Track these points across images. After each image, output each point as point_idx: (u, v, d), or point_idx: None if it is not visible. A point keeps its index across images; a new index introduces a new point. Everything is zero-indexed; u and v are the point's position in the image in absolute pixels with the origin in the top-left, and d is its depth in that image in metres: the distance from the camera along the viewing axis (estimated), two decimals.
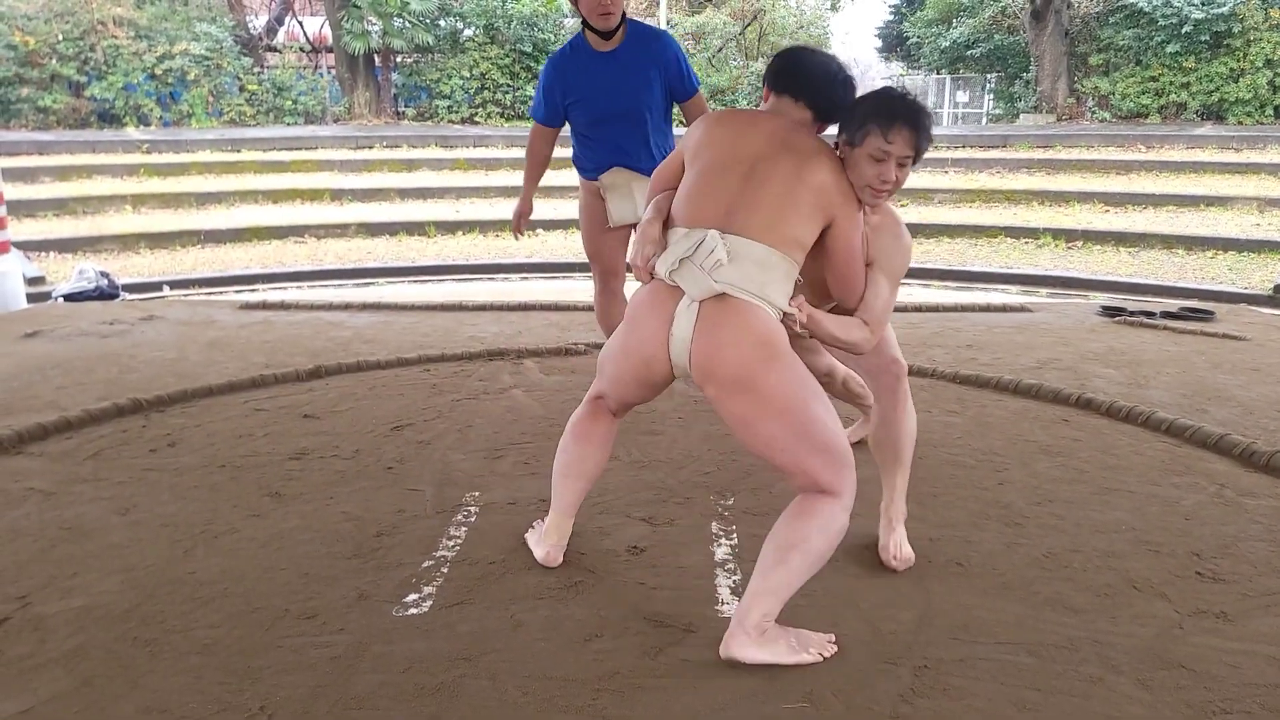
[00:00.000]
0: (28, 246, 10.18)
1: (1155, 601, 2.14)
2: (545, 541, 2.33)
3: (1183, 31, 17.99)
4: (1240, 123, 17.83)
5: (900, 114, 1.99)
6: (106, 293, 7.43)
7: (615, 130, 3.57)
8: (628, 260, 2.02)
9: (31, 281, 8.27)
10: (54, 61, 17.36)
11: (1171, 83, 18.60)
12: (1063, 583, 2.23)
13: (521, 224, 3.96)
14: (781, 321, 1.98)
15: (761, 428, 1.91)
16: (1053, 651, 1.93)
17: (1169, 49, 18.33)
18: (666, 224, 2.07)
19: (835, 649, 1.93)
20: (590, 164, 3.69)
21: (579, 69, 3.55)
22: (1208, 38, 17.96)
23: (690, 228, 1.98)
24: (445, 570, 2.31)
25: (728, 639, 1.87)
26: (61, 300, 7.15)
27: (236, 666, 1.89)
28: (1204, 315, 5.40)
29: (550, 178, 4.36)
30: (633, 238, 2.25)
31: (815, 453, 1.90)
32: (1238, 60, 18.01)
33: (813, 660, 1.88)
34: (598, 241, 3.76)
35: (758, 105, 2.14)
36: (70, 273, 8.22)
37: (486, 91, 20.01)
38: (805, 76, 2.17)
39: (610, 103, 3.54)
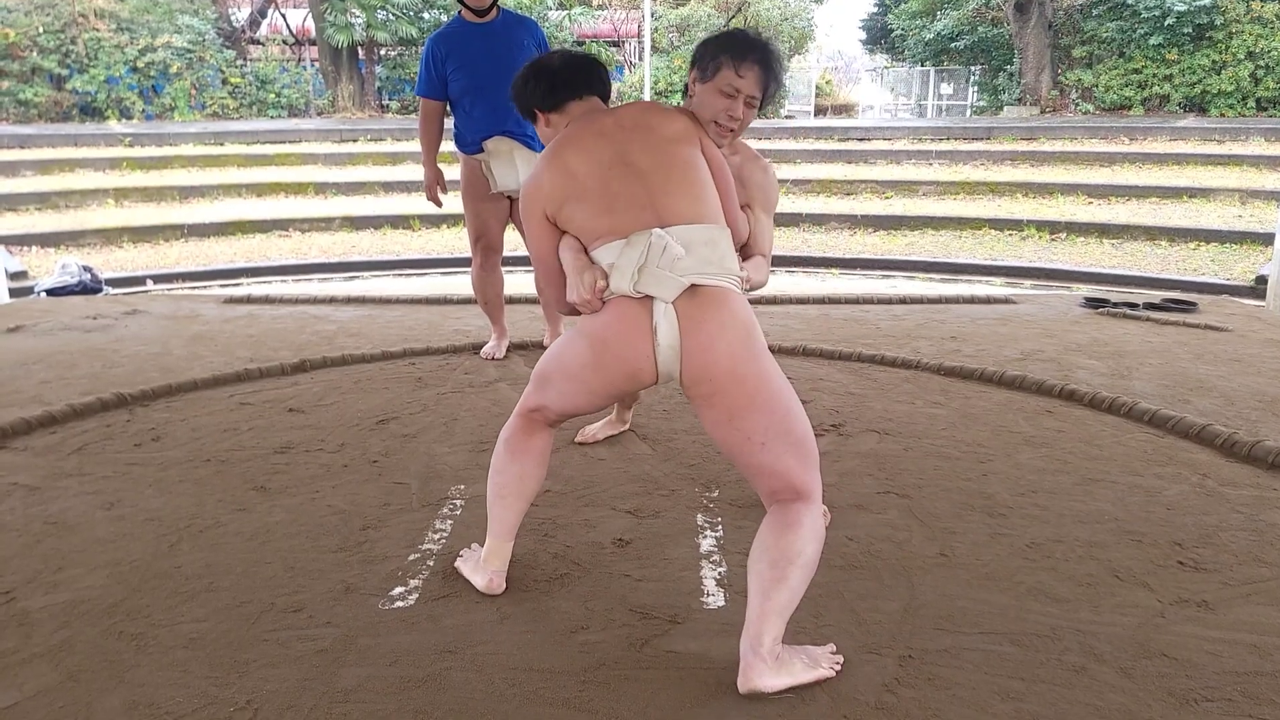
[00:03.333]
0: (9, 241, 10.11)
1: (1137, 591, 2.16)
2: (486, 568, 2.15)
3: (1165, 24, 18.09)
4: (1223, 115, 17.95)
5: (752, 52, 2.06)
6: (90, 287, 7.38)
7: (495, 98, 3.82)
8: (568, 300, 1.97)
9: (13, 276, 8.21)
10: (35, 54, 17.21)
11: (1154, 75, 18.71)
12: (1046, 573, 2.24)
13: (436, 191, 4.23)
14: None
15: (746, 421, 1.86)
16: (1036, 641, 1.95)
17: (1152, 41, 18.43)
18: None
19: (840, 659, 1.86)
20: (471, 135, 4.00)
21: (458, 39, 3.95)
22: (1190, 30, 18.07)
23: (623, 236, 1.91)
24: (431, 563, 2.31)
25: (746, 671, 1.75)
26: (44, 295, 7.10)
27: (223, 660, 1.89)
28: (1186, 306, 5.44)
29: None
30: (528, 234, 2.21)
31: (793, 449, 1.86)
32: (1220, 53, 18.13)
33: (827, 675, 1.81)
34: (483, 215, 4.10)
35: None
36: (53, 267, 8.17)
37: None
38: (568, 77, 2.15)
39: (490, 67, 3.88)
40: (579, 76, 2.16)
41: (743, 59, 2.05)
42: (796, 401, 1.92)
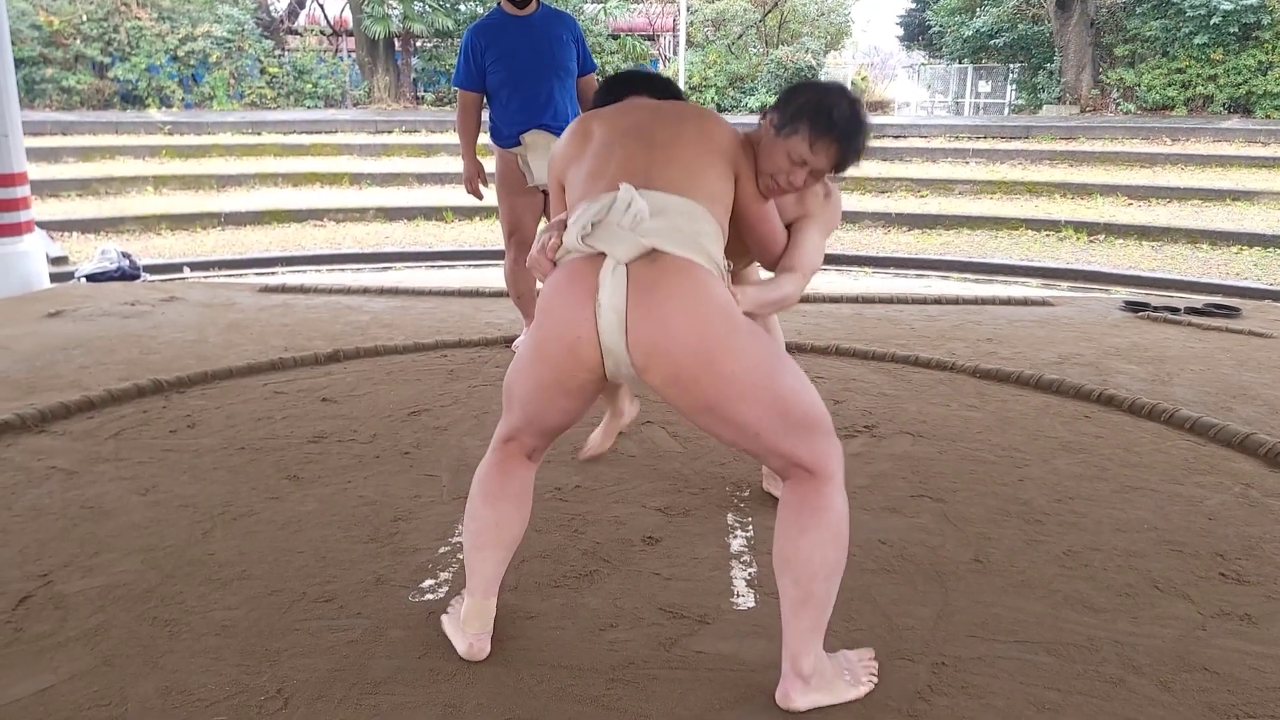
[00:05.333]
0: (51, 226, 10.26)
1: (1178, 602, 2.12)
2: (466, 631, 1.86)
3: (1211, 23, 17.78)
4: (1268, 116, 17.63)
5: (837, 128, 1.81)
6: (128, 273, 7.48)
7: (533, 91, 3.90)
8: (527, 263, 1.83)
9: (54, 261, 8.34)
10: (78, 42, 17.47)
11: (1199, 75, 18.41)
12: (1083, 581, 2.21)
13: (476, 184, 4.24)
14: None
15: (729, 411, 1.61)
16: (1073, 651, 1.92)
17: (1196, 40, 18.13)
18: None
19: (877, 665, 1.81)
20: (508, 129, 3.99)
21: (498, 30, 3.95)
22: (1236, 29, 17.75)
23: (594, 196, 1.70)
24: (461, 556, 2.30)
25: (786, 690, 1.67)
26: (84, 280, 7.20)
27: (254, 648, 1.90)
28: (1229, 312, 5.34)
29: None
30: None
31: (793, 430, 1.63)
32: (1266, 53, 17.80)
33: (868, 689, 1.74)
34: (518, 209, 4.10)
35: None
36: (93, 253, 8.29)
37: None
38: (629, 77, 2.22)
39: (528, 60, 3.91)
40: (641, 79, 2.19)
41: (823, 135, 1.80)
42: (787, 373, 1.67)
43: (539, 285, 1.77)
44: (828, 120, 1.80)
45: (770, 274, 2.06)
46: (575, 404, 1.76)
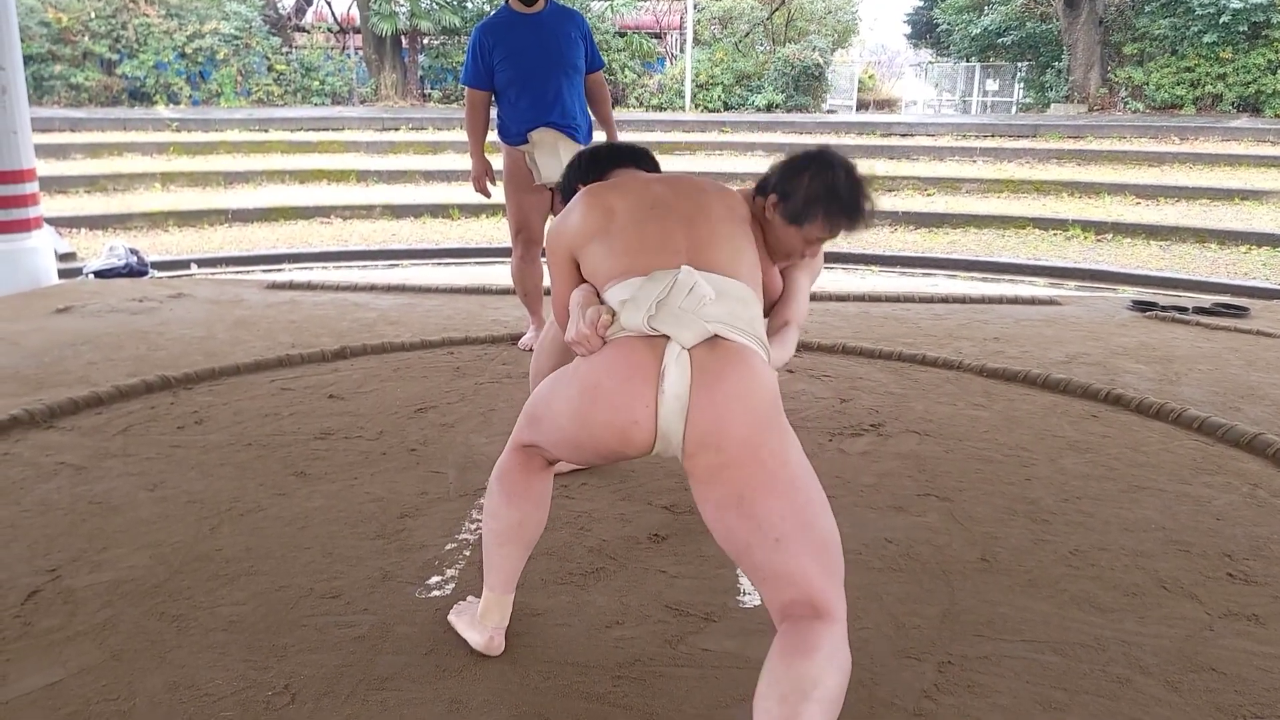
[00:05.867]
0: (59, 222, 10.27)
1: (1185, 602, 2.11)
2: (485, 624, 1.88)
3: (1220, 21, 17.70)
4: (1278, 115, 17.55)
5: (848, 209, 1.85)
6: (136, 270, 7.50)
7: (541, 89, 3.90)
8: (566, 339, 1.74)
9: (63, 258, 8.36)
10: (86, 39, 17.51)
11: (1208, 73, 18.32)
12: (1090, 581, 2.20)
13: (484, 182, 4.22)
14: None
15: (759, 505, 1.52)
16: (1079, 651, 1.91)
17: (1206, 39, 18.05)
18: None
19: None
20: (516, 126, 3.99)
21: (506, 28, 3.94)
22: (1246, 28, 17.67)
23: (645, 274, 1.64)
24: (467, 553, 2.31)
25: None
26: (92, 277, 7.23)
27: (261, 644, 1.91)
28: (1238, 311, 5.32)
29: None
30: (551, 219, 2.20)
31: (814, 549, 1.51)
32: (1276, 51, 17.72)
33: None
34: (525, 207, 4.09)
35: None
36: (101, 249, 8.31)
37: None
38: (611, 152, 2.21)
39: (536, 59, 3.90)
40: (624, 152, 2.19)
41: (837, 219, 1.85)
42: (822, 494, 1.59)
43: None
44: (839, 205, 1.84)
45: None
46: (594, 462, 1.84)
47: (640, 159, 2.20)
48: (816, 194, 1.83)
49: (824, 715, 1.36)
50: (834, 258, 10.93)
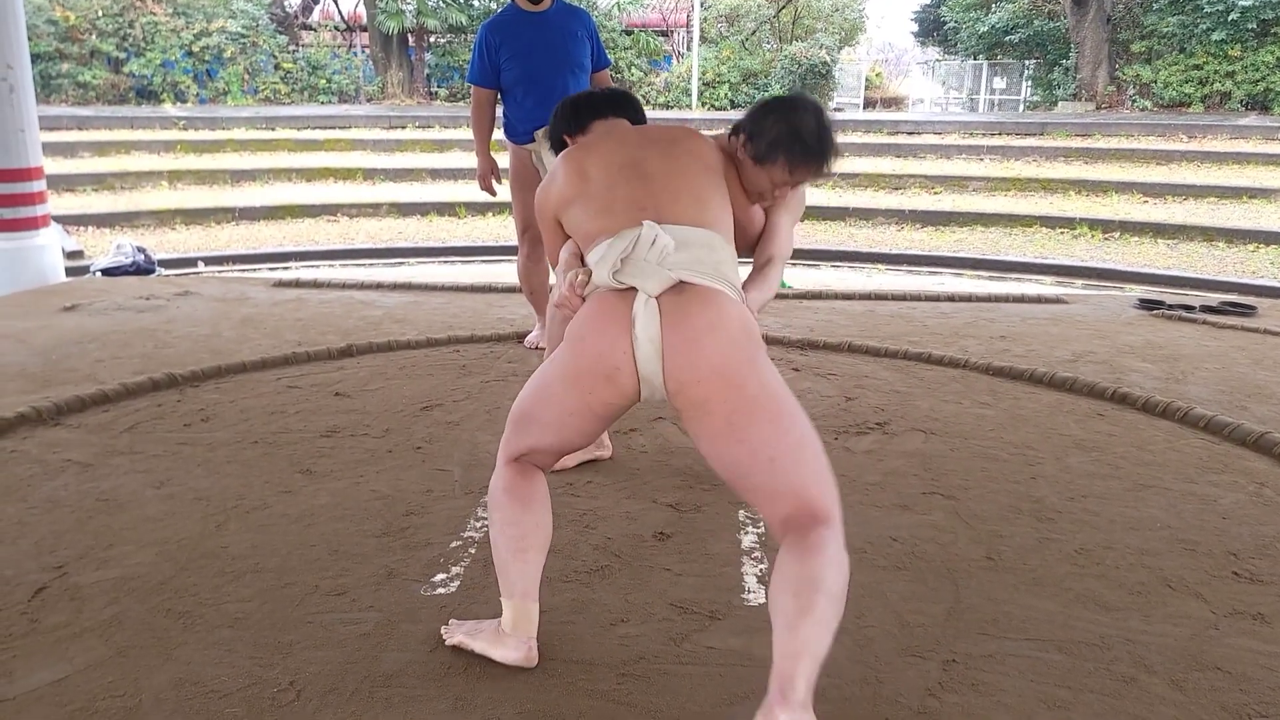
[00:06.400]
0: (66, 220, 10.31)
1: (1190, 601, 2.11)
2: (518, 636, 1.82)
3: (1229, 19, 17.63)
4: None
5: (812, 152, 1.95)
6: (143, 268, 7.52)
7: (547, 88, 3.87)
8: (552, 302, 1.93)
9: (70, 255, 8.39)
10: (93, 37, 17.57)
11: (1216, 71, 18.25)
12: (1095, 580, 2.20)
13: (489, 180, 4.22)
14: None
15: (749, 430, 1.63)
16: (1084, 649, 1.91)
17: (1214, 37, 17.98)
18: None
19: None
20: (522, 125, 3.98)
21: (511, 28, 3.94)
22: (1255, 25, 17.59)
23: (615, 235, 1.79)
24: (473, 551, 2.32)
25: (772, 710, 1.45)
26: (99, 275, 7.25)
27: (267, 641, 1.91)
28: (1245, 310, 5.30)
29: None
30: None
31: (807, 462, 1.64)
32: None
33: None
34: (530, 205, 4.10)
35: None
36: (108, 247, 8.33)
37: None
38: (592, 101, 2.29)
39: (542, 57, 3.90)
40: (603, 100, 2.24)
41: (800, 161, 1.96)
42: (806, 417, 1.70)
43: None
44: (802, 147, 1.94)
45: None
46: (599, 427, 1.86)
47: (623, 105, 2.26)
48: (780, 136, 1.94)
49: (830, 606, 1.52)
50: (841, 256, 10.93)
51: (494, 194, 4.27)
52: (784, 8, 22.58)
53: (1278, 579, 2.21)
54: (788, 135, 1.93)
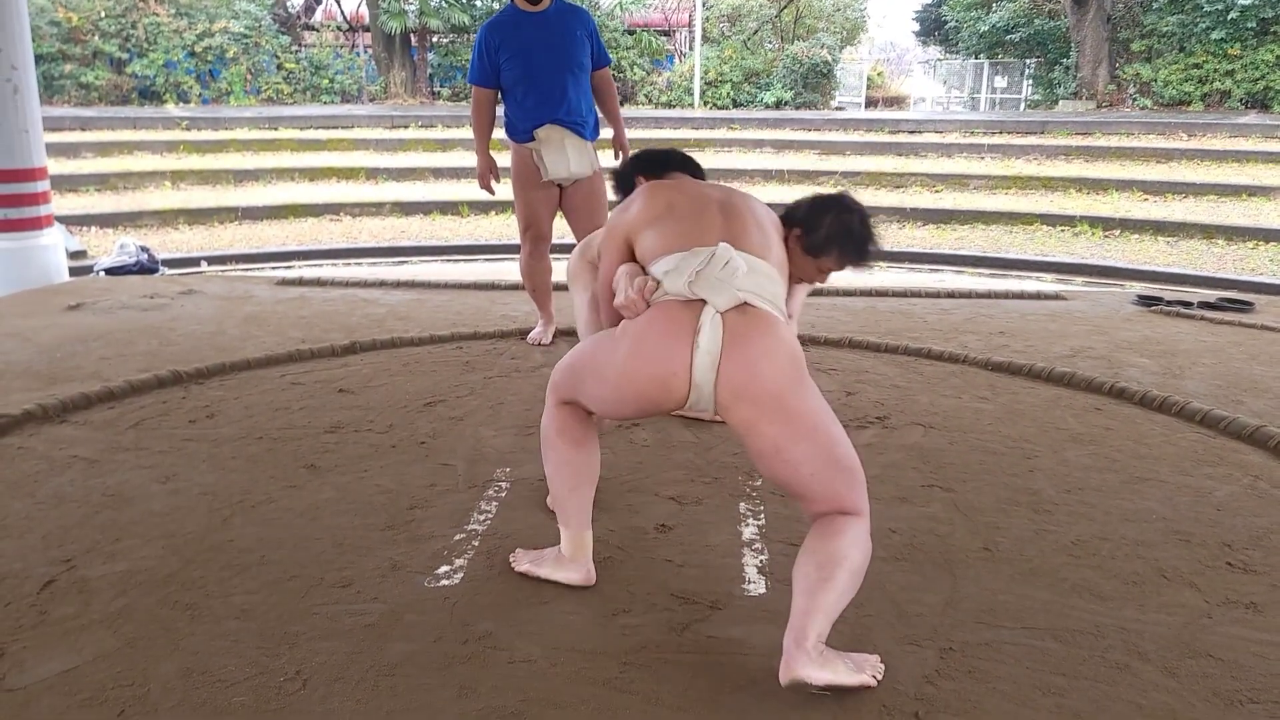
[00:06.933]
0: (70, 221, 10.34)
1: (1184, 590, 2.13)
2: (578, 561, 2.12)
3: (1228, 18, 17.61)
4: None
5: (862, 254, 2.14)
6: (147, 267, 7.54)
7: (547, 87, 3.93)
8: (614, 305, 2.00)
9: (74, 255, 8.42)
10: (96, 38, 17.59)
11: (1216, 70, 18.22)
12: (1091, 570, 2.23)
13: (489, 180, 4.24)
14: None
15: (793, 450, 1.81)
16: (1079, 638, 1.94)
17: (1214, 35, 17.96)
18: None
19: (883, 668, 1.81)
20: (523, 124, 4.01)
21: (512, 26, 3.97)
22: (1254, 24, 17.57)
23: (688, 251, 1.92)
24: (476, 544, 2.34)
25: (789, 662, 1.68)
26: (103, 274, 7.27)
27: (273, 632, 1.94)
28: (1242, 306, 5.32)
29: None
30: (572, 228, 2.37)
31: (841, 473, 1.83)
32: None
33: (870, 682, 1.75)
34: (533, 203, 4.11)
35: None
36: (111, 247, 8.35)
37: None
38: (672, 158, 2.55)
39: (542, 57, 3.93)
40: (680, 158, 2.53)
41: (850, 257, 2.15)
42: (839, 426, 1.90)
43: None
44: (855, 246, 2.14)
45: None
46: (635, 417, 2.06)
47: (692, 167, 2.51)
48: (835, 233, 2.12)
49: (849, 579, 1.76)
50: None
51: (492, 193, 4.30)
52: (786, 7, 22.58)
53: (1271, 569, 2.24)
54: (842, 233, 2.12)
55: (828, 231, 2.12)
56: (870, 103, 23.97)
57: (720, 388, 1.82)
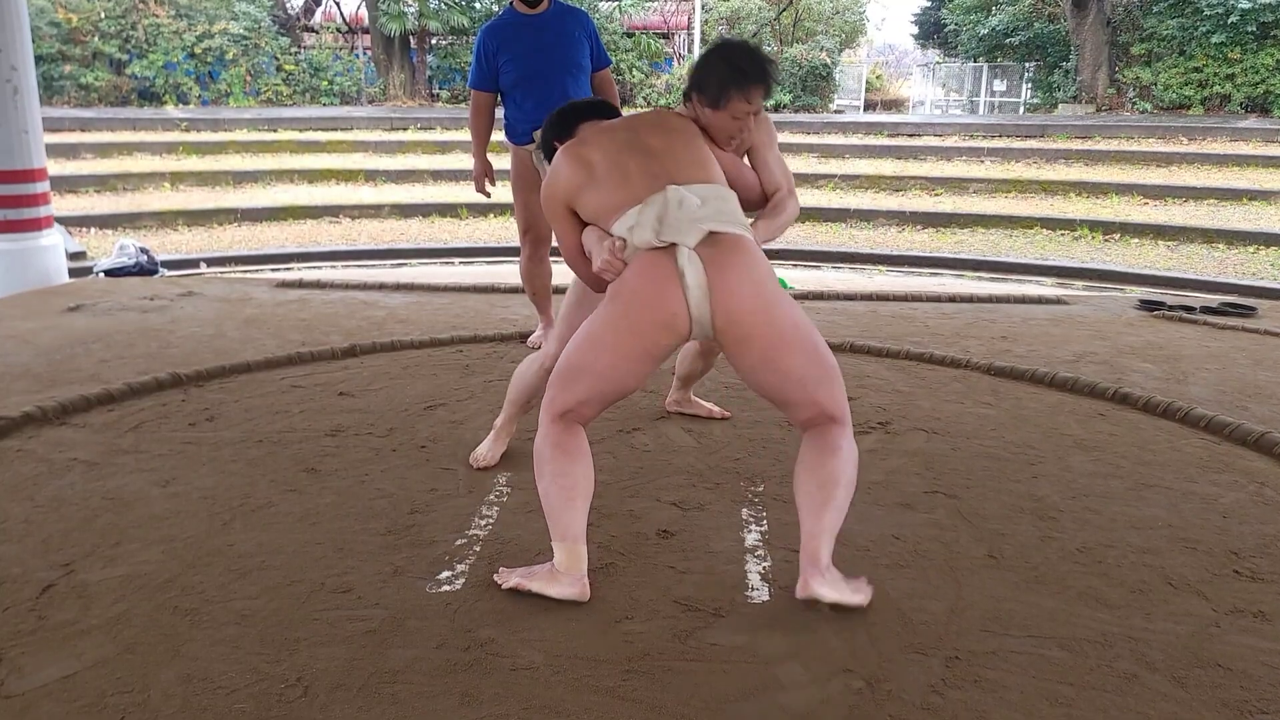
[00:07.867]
0: (69, 222, 10.33)
1: (1191, 599, 2.12)
2: (572, 576, 2.06)
3: (1229, 22, 17.64)
4: None
5: (754, 75, 2.20)
6: (146, 269, 7.53)
7: (546, 89, 3.91)
8: (594, 268, 2.11)
9: (73, 256, 8.40)
10: (96, 39, 17.58)
11: (1216, 74, 18.25)
12: (1097, 578, 2.21)
13: (485, 182, 4.25)
14: None
15: (783, 361, 1.99)
16: (1086, 646, 1.92)
17: (1214, 39, 17.98)
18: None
19: (871, 590, 2.04)
20: (522, 126, 4.01)
21: (510, 31, 3.97)
22: (1254, 28, 17.60)
23: (640, 203, 2.04)
24: (477, 549, 2.33)
25: (807, 581, 1.93)
26: (103, 275, 7.26)
27: (274, 637, 1.92)
28: (1245, 311, 5.32)
29: None
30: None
31: (825, 378, 2.02)
32: None
33: (863, 601, 2.00)
34: (532, 206, 4.05)
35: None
36: (111, 248, 8.35)
37: None
38: (575, 108, 2.48)
39: (541, 59, 3.94)
40: (586, 106, 2.46)
41: (748, 86, 2.20)
42: (817, 332, 2.07)
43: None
44: (743, 75, 2.20)
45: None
46: (651, 367, 2.10)
47: (601, 111, 2.46)
48: (724, 75, 2.20)
49: (845, 494, 2.02)
50: (842, 258, 10.93)
51: (489, 195, 4.28)
52: (785, 10, 22.59)
53: (1278, 577, 2.22)
54: (729, 71, 2.20)
55: (716, 77, 2.20)
56: (869, 106, 24.00)
57: (715, 314, 1.99)
